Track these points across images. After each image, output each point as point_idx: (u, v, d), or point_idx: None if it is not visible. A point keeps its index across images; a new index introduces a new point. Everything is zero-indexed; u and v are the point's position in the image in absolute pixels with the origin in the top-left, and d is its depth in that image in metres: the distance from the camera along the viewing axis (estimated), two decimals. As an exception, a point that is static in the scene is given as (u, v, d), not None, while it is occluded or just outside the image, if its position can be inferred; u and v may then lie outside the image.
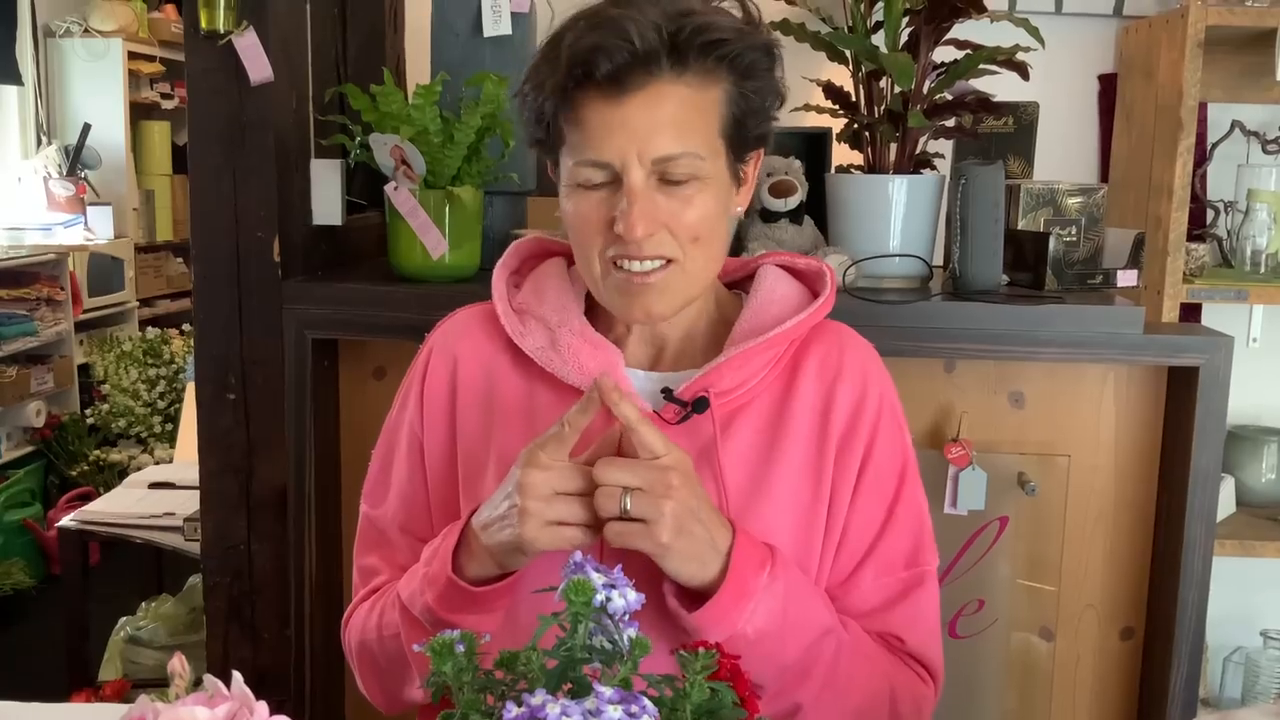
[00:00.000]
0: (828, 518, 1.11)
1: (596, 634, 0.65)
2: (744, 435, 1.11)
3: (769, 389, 1.13)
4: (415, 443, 1.19)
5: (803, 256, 1.24)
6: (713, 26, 1.02)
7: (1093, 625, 1.78)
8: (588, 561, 0.65)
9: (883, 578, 1.13)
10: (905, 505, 1.14)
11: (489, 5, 1.85)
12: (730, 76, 1.04)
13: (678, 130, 1.02)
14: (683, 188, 1.03)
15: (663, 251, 1.05)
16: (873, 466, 1.13)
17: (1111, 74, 2.43)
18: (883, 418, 1.14)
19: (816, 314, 1.14)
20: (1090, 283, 1.77)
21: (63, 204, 4.72)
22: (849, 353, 1.16)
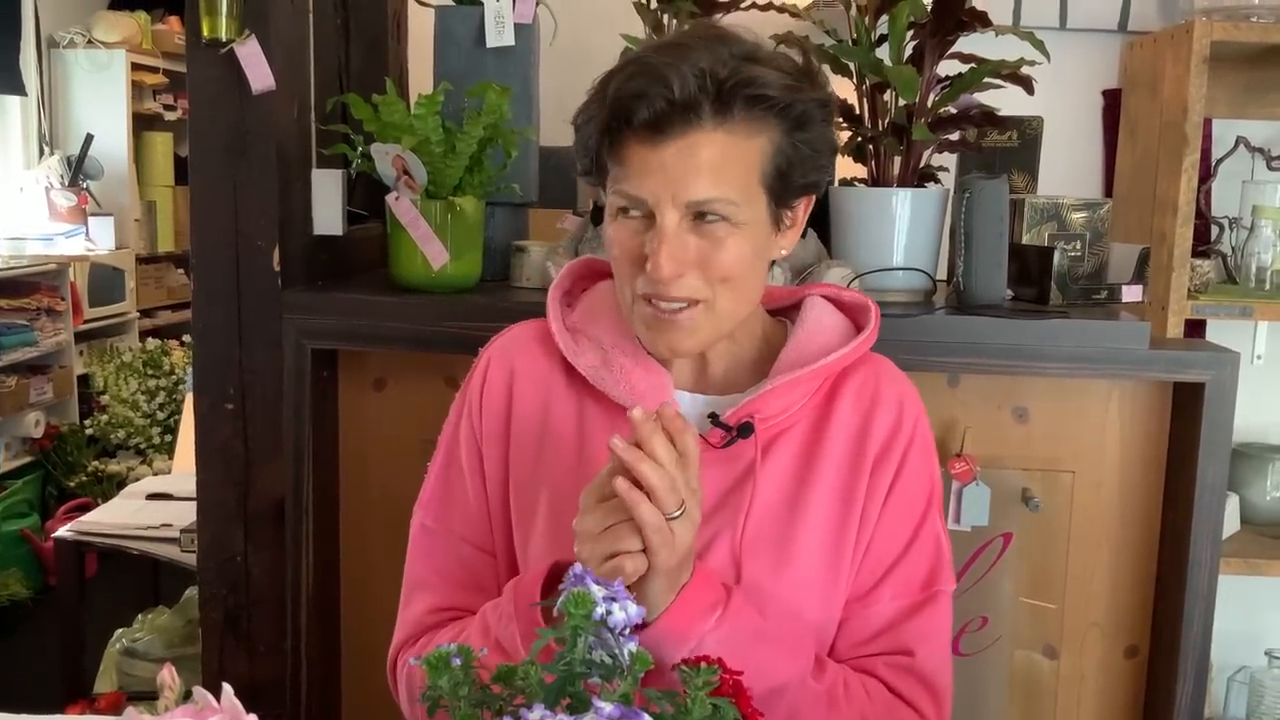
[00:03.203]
0: (858, 541, 1.16)
1: (596, 648, 0.64)
2: (783, 459, 1.15)
3: (808, 415, 1.17)
4: (475, 453, 1.23)
5: (848, 290, 1.28)
6: (759, 81, 1.04)
7: (1097, 643, 1.76)
8: (587, 574, 0.64)
9: (900, 598, 1.17)
10: (928, 530, 1.18)
11: (492, 16, 1.84)
12: (780, 126, 1.07)
13: (714, 176, 1.04)
14: (714, 229, 1.06)
15: (691, 294, 1.08)
16: (900, 490, 1.17)
17: (1116, 89, 2.43)
18: (914, 445, 1.19)
19: (861, 347, 1.19)
20: (1095, 298, 1.76)
21: (64, 214, 4.71)
22: (885, 382, 1.21)
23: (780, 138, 1.07)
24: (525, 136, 1.82)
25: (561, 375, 1.20)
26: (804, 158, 1.10)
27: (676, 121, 1.03)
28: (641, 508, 0.94)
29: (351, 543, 1.83)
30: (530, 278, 1.84)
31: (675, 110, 1.03)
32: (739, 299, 1.12)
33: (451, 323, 1.68)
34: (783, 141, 1.07)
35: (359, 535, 1.82)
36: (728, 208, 1.06)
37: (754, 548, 1.13)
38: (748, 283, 1.12)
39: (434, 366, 1.77)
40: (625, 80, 1.05)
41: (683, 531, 0.97)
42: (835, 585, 1.15)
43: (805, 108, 1.08)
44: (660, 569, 0.97)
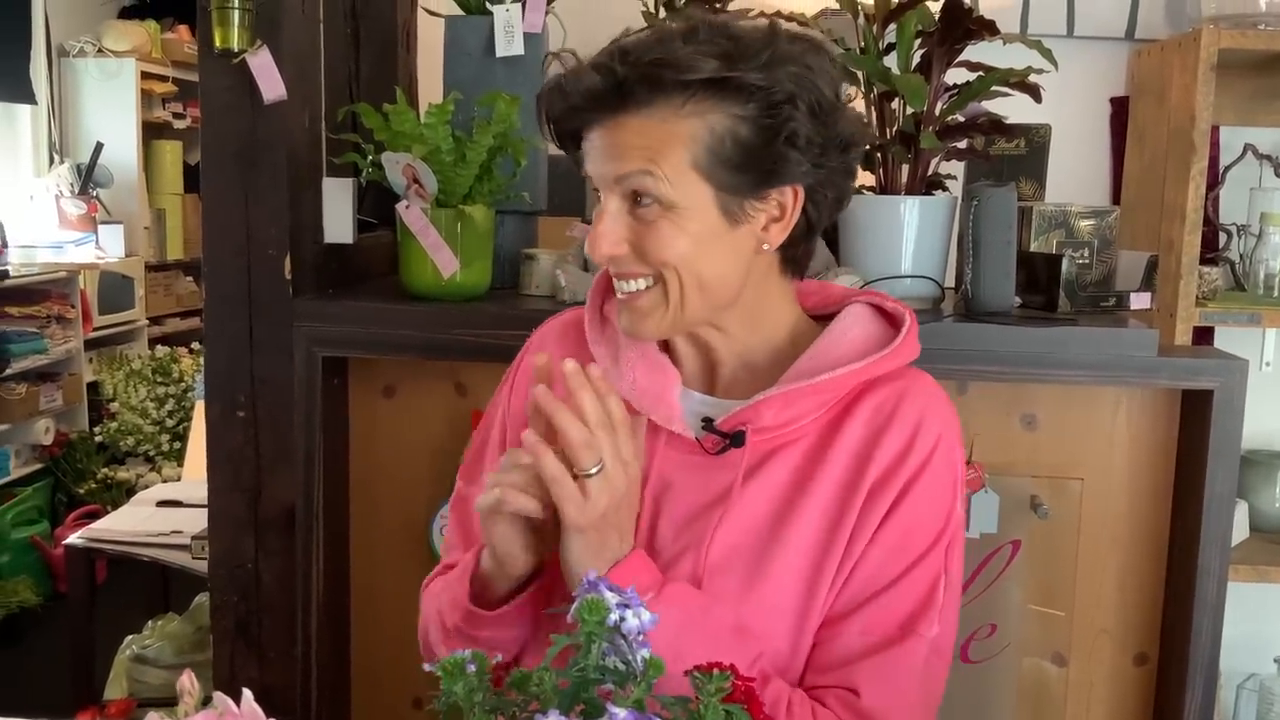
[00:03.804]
0: (844, 562, 1.08)
1: (610, 654, 0.64)
2: (776, 474, 1.10)
3: (816, 430, 1.11)
4: (502, 426, 1.24)
5: (889, 298, 1.20)
6: (678, 63, 1.01)
7: (1106, 651, 1.76)
8: (602, 581, 0.65)
9: (869, 634, 1.07)
10: (925, 569, 1.08)
11: (501, 26, 1.85)
12: (719, 109, 1.03)
13: (639, 156, 1.03)
14: (647, 212, 1.04)
15: (636, 270, 1.07)
16: (899, 520, 1.08)
17: (1123, 97, 2.44)
18: (925, 475, 1.08)
19: (883, 363, 1.11)
20: (1103, 305, 1.76)
21: (74, 222, 4.74)
22: (908, 401, 1.11)
23: (719, 122, 1.03)
24: (534, 145, 1.82)
25: (588, 361, 1.16)
26: (759, 146, 1.04)
27: (608, 105, 1.03)
28: (545, 459, 0.95)
29: (361, 549, 1.84)
30: (540, 285, 1.85)
31: (606, 94, 1.03)
32: (695, 287, 1.07)
33: (461, 330, 1.68)
34: (723, 126, 1.03)
35: (369, 542, 1.83)
36: (655, 188, 1.03)
37: (724, 564, 1.08)
38: (700, 272, 1.06)
39: (444, 374, 1.78)
40: (570, 70, 1.07)
41: (598, 492, 0.96)
42: (812, 610, 1.08)
43: (746, 90, 1.02)
44: (571, 525, 0.97)
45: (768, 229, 1.08)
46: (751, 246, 1.08)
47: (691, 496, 1.09)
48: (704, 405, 1.13)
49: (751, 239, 1.08)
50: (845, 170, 1.12)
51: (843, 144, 1.09)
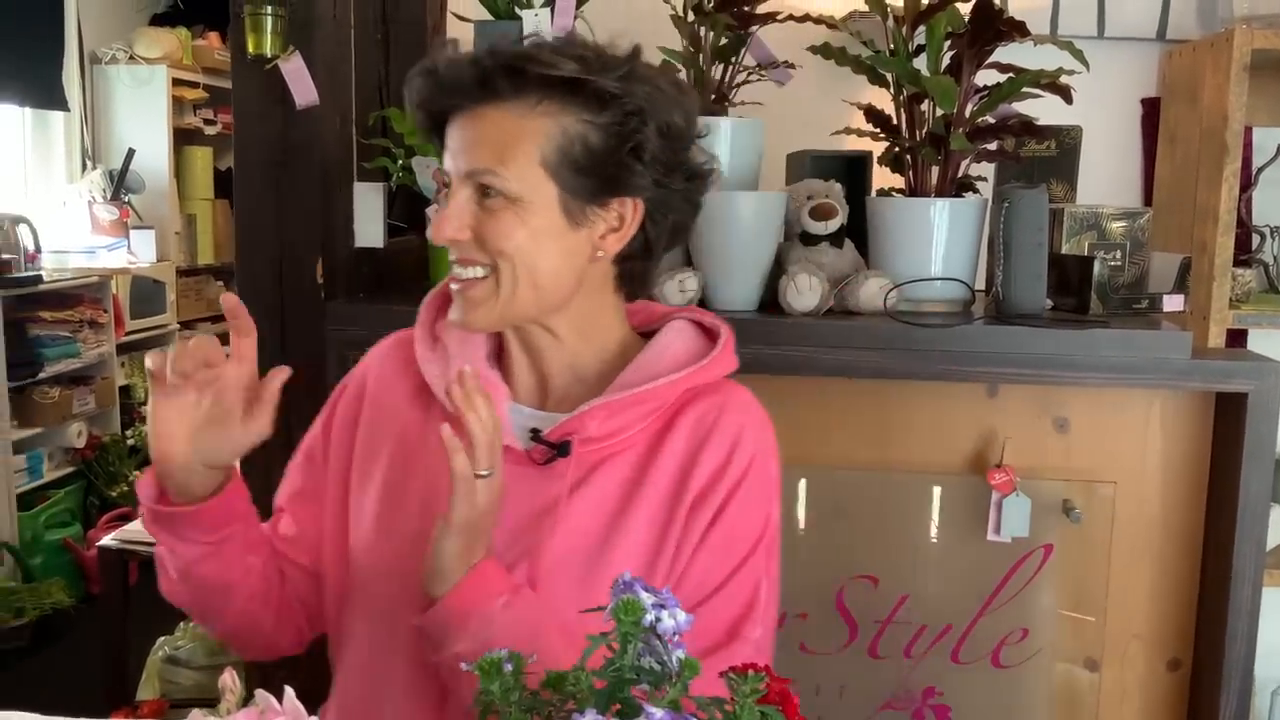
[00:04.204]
0: (669, 572, 1.12)
1: (644, 655, 0.64)
2: (605, 484, 1.13)
3: (642, 441, 1.14)
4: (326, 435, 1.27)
5: (708, 314, 1.25)
6: (534, 59, 1.06)
7: (1139, 656, 1.75)
8: (637, 581, 0.65)
9: (698, 639, 1.10)
10: (747, 574, 1.13)
11: (530, 30, 1.86)
12: (570, 112, 1.07)
13: (488, 149, 1.07)
14: (493, 203, 1.08)
15: (475, 257, 1.10)
16: (722, 529, 1.12)
17: (1155, 98, 2.42)
18: (744, 485, 1.13)
19: (694, 376, 1.15)
20: (1136, 307, 1.75)
21: (106, 228, 4.78)
22: (727, 416, 1.15)
23: (572, 124, 1.07)
24: (563, 149, 1.83)
25: (416, 379, 1.22)
26: (606, 153, 1.08)
27: (471, 94, 1.07)
28: (458, 456, 0.98)
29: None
30: (568, 289, 1.85)
31: (470, 83, 1.07)
32: (528, 281, 1.10)
33: (491, 334, 1.69)
34: (575, 129, 1.07)
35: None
36: (500, 181, 1.07)
37: (558, 572, 1.10)
38: (534, 266, 1.09)
39: (473, 377, 1.79)
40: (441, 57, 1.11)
41: (485, 494, 1.00)
42: None
43: (600, 97, 1.06)
44: (455, 525, 1.00)
45: (605, 237, 1.12)
46: (588, 253, 1.11)
47: (523, 507, 1.10)
48: (534, 418, 1.16)
49: (588, 245, 1.11)
50: (688, 199, 1.16)
51: (689, 172, 1.14)
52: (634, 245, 1.14)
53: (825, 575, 1.75)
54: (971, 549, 1.71)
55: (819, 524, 1.76)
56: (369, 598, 1.18)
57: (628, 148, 1.08)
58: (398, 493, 1.18)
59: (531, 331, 1.16)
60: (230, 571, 1.16)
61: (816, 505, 1.76)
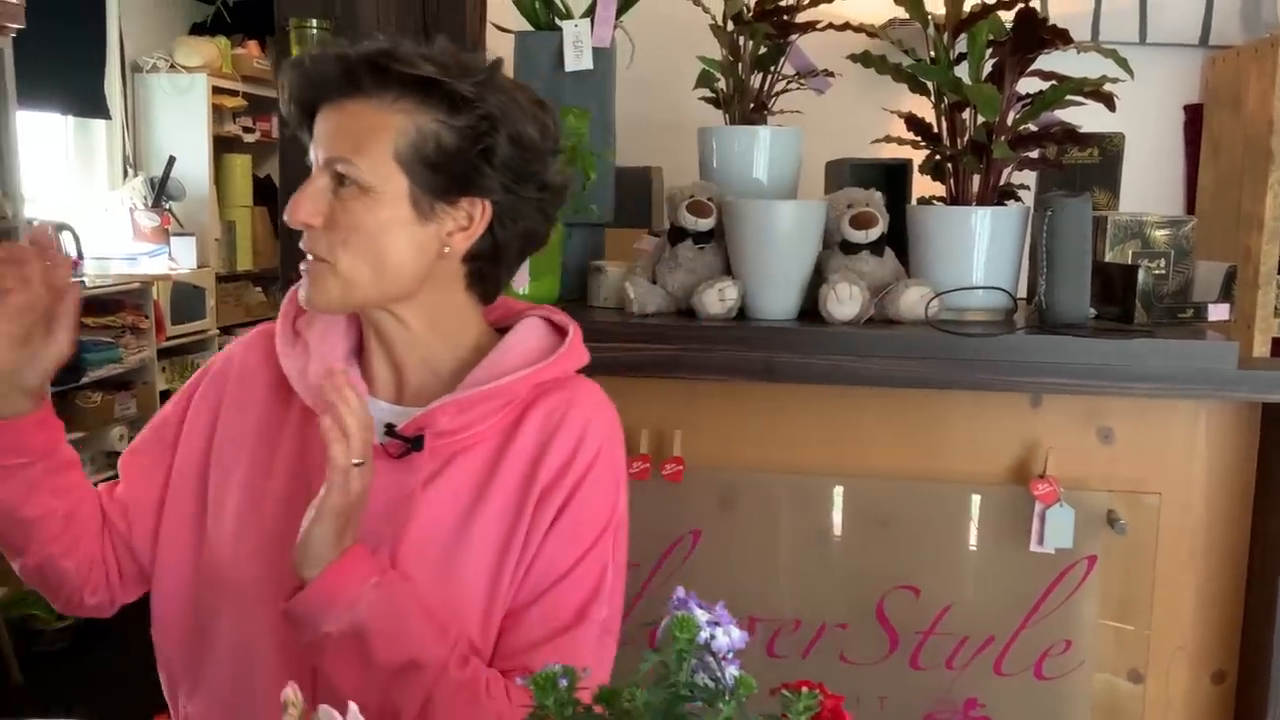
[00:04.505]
0: (522, 559, 1.16)
1: (698, 671, 0.64)
2: (460, 476, 1.17)
3: (494, 435, 1.18)
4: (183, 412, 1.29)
5: (559, 312, 1.29)
6: (394, 55, 1.10)
7: (1183, 668, 1.73)
8: (690, 597, 0.65)
9: (548, 620, 1.16)
10: (593, 559, 1.17)
11: (570, 41, 1.87)
12: (424, 110, 1.12)
13: (345, 138, 1.12)
14: (347, 191, 1.12)
15: (315, 249, 1.14)
16: (569, 517, 1.17)
17: (1197, 104, 2.40)
18: (591, 474, 1.18)
19: (542, 371, 1.19)
20: (1180, 317, 1.73)
21: (148, 234, 4.84)
22: (575, 409, 1.20)
23: (427, 123, 1.11)
24: (603, 158, 1.84)
25: (276, 372, 1.25)
26: (457, 153, 1.12)
27: (337, 87, 1.12)
28: (337, 445, 1.02)
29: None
30: (608, 298, 1.86)
31: (336, 76, 1.12)
32: (368, 267, 1.13)
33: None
34: (429, 128, 1.11)
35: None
36: (354, 170, 1.11)
37: (415, 561, 1.15)
38: (379, 254, 1.13)
39: (514, 386, 1.80)
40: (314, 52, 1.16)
41: (358, 482, 1.04)
42: (496, 604, 1.16)
43: (455, 99, 1.11)
44: (328, 511, 1.04)
45: (453, 235, 1.16)
46: (435, 248, 1.16)
47: (380, 499, 1.13)
48: (390, 413, 1.20)
49: (436, 240, 1.15)
50: (540, 209, 1.20)
51: (540, 183, 1.18)
52: (482, 246, 1.18)
53: (865, 586, 1.74)
54: (1014, 560, 1.70)
55: (859, 534, 1.75)
56: (234, 584, 1.20)
57: (478, 149, 1.13)
58: (259, 482, 1.21)
59: (384, 323, 1.20)
60: (23, 506, 1.18)
61: (857, 515, 1.76)
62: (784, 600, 1.77)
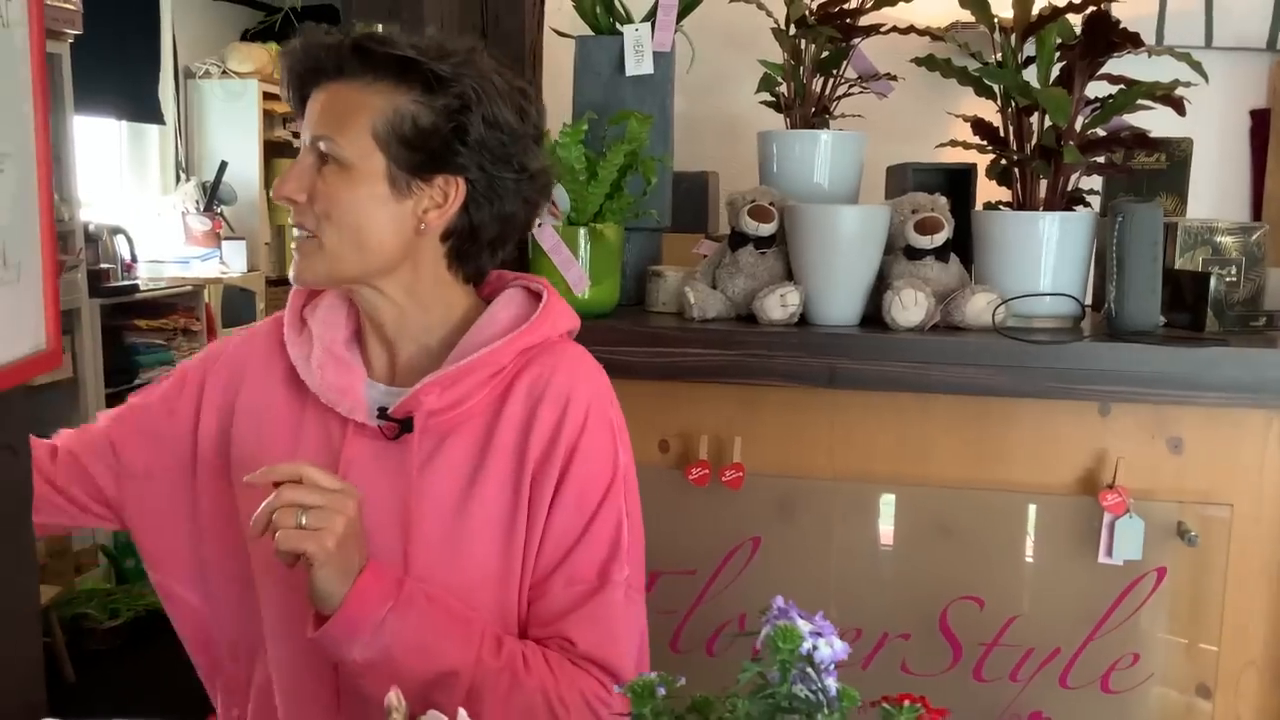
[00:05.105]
0: (530, 533, 1.18)
1: (797, 682, 0.63)
2: (455, 454, 1.19)
3: (485, 410, 1.20)
4: (181, 380, 1.31)
5: (535, 278, 1.29)
6: (377, 37, 1.16)
7: (1254, 684, 1.69)
8: (790, 607, 0.64)
9: (572, 586, 1.18)
10: (604, 519, 1.19)
11: (631, 45, 1.86)
12: (402, 91, 1.15)
13: (328, 115, 1.16)
14: (329, 168, 1.16)
15: (303, 222, 1.18)
16: (571, 485, 1.18)
17: (1264, 109, 2.36)
18: (584, 437, 1.19)
19: (520, 338, 1.20)
20: (1252, 325, 1.70)
21: (199, 238, 4.89)
22: (560, 374, 1.21)
23: (405, 103, 1.15)
24: (663, 163, 1.83)
25: (286, 362, 1.27)
26: (432, 131, 1.15)
27: (327, 70, 1.17)
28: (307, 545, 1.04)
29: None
30: (666, 302, 1.85)
31: (326, 59, 1.16)
32: (349, 242, 1.16)
33: (592, 347, 1.68)
34: (407, 108, 1.15)
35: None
36: (335, 147, 1.15)
37: (424, 541, 1.17)
38: (359, 229, 1.16)
39: (573, 390, 1.79)
40: (285, 51, 1.21)
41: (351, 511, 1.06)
42: (510, 577, 1.18)
43: (431, 79, 1.14)
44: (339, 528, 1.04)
45: (429, 212, 1.18)
46: (412, 224, 1.18)
47: (384, 482, 1.17)
48: (385, 395, 1.22)
49: (412, 218, 1.18)
50: (519, 192, 1.21)
51: (519, 166, 1.20)
52: (459, 224, 1.20)
53: (929, 596, 1.72)
54: (1081, 571, 1.67)
55: (923, 543, 1.73)
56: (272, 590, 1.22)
57: (451, 127, 1.16)
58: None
59: (373, 302, 1.22)
60: None
61: (919, 524, 1.73)
62: (844, 609, 1.75)
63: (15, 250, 0.78)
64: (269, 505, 1.04)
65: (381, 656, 1.08)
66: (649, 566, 1.75)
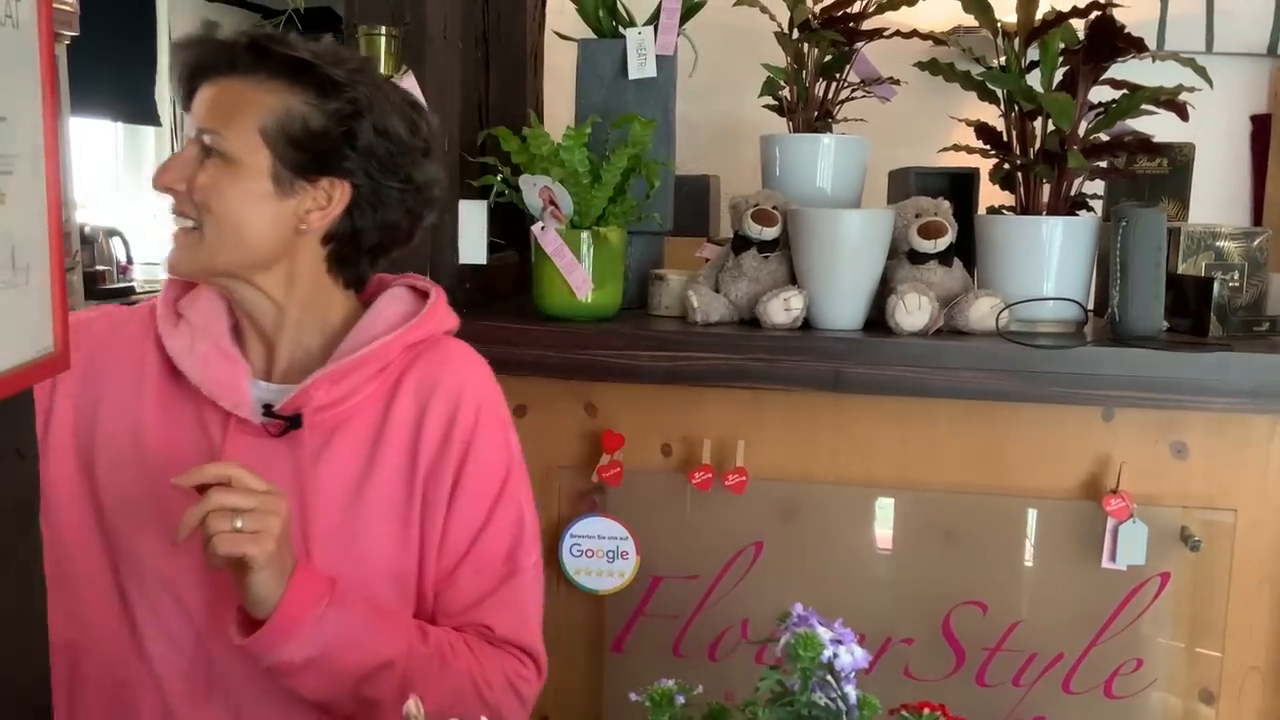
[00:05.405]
0: (427, 526, 1.21)
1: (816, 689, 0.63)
2: (345, 449, 1.20)
3: (372, 405, 1.22)
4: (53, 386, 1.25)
5: (421, 278, 1.32)
6: (274, 38, 1.17)
7: (1257, 689, 1.69)
8: (810, 614, 0.63)
9: (482, 574, 1.22)
10: (504, 508, 1.24)
11: (634, 49, 1.86)
12: (294, 92, 1.17)
13: (214, 109, 1.17)
14: (210, 160, 1.17)
15: (187, 208, 1.18)
16: (469, 477, 1.22)
17: (1265, 114, 2.36)
18: (479, 431, 1.23)
19: (407, 333, 1.22)
20: (1256, 330, 1.70)
21: (195, 241, 4.87)
22: (448, 370, 1.25)
23: (297, 105, 1.16)
24: (666, 167, 1.83)
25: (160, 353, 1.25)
26: (322, 133, 1.17)
27: (219, 65, 1.18)
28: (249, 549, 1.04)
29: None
30: (669, 306, 1.85)
31: (219, 55, 1.18)
32: (228, 235, 1.17)
33: (596, 351, 1.69)
34: (299, 109, 1.16)
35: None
36: (220, 141, 1.16)
37: (320, 537, 1.17)
38: (239, 223, 1.17)
39: (575, 394, 1.79)
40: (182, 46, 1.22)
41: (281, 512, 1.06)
42: (407, 572, 1.21)
43: (325, 83, 1.16)
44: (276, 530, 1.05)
45: (310, 213, 1.19)
46: (292, 223, 1.19)
47: (271, 479, 1.13)
48: (269, 392, 1.23)
49: (294, 216, 1.19)
50: (403, 203, 1.24)
51: (405, 177, 1.22)
52: (340, 228, 1.21)
53: (932, 601, 1.72)
54: (1085, 576, 1.67)
55: (926, 548, 1.73)
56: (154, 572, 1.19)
57: (341, 131, 1.18)
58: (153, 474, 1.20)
59: (250, 299, 1.22)
60: None
61: (923, 529, 1.73)
62: (847, 614, 1.72)
63: (24, 252, 0.77)
64: (198, 510, 1.03)
65: (321, 653, 1.09)
66: (652, 571, 1.77)
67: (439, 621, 1.22)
